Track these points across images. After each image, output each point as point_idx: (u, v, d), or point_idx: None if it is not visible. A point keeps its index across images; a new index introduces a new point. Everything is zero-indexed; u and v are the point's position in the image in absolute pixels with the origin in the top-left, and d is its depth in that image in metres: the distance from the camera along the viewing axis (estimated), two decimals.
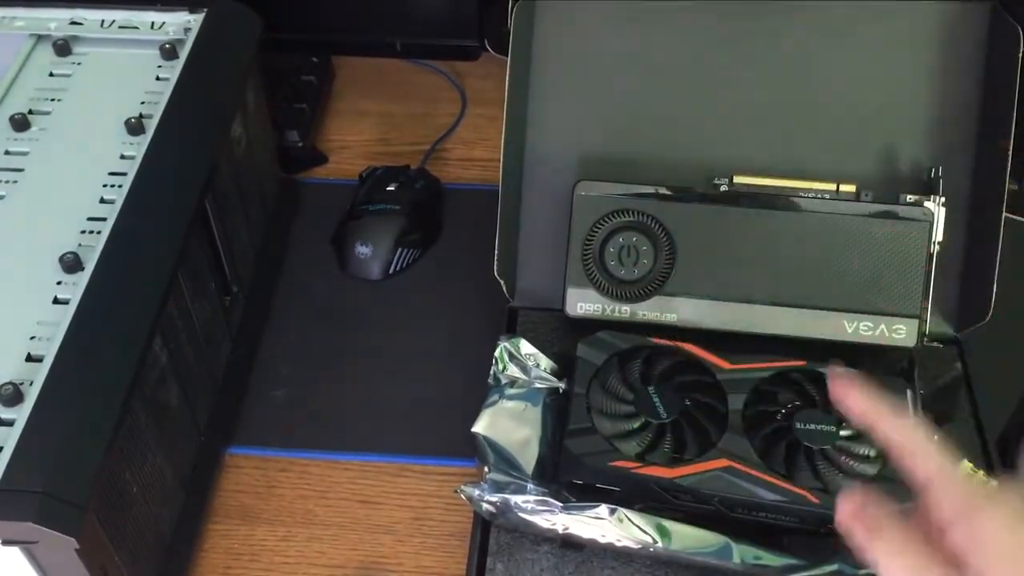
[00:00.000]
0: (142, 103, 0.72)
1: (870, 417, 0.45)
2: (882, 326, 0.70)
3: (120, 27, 0.78)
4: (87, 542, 0.52)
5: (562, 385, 0.70)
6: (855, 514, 0.43)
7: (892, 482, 0.61)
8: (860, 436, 0.63)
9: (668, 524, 0.62)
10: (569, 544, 0.64)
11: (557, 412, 0.69)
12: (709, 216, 0.72)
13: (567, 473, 0.64)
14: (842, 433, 0.63)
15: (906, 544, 0.42)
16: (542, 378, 0.70)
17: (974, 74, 0.73)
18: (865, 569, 0.59)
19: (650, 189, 0.72)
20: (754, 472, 0.62)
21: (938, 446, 0.43)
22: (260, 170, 0.84)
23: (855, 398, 0.45)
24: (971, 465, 0.62)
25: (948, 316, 0.75)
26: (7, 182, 0.67)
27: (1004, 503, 0.42)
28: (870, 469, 0.62)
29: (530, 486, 0.64)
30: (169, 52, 0.76)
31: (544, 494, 0.63)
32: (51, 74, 0.75)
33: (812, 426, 0.63)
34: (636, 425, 0.65)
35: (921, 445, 0.43)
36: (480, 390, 0.70)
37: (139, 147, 0.68)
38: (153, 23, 0.78)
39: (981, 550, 0.40)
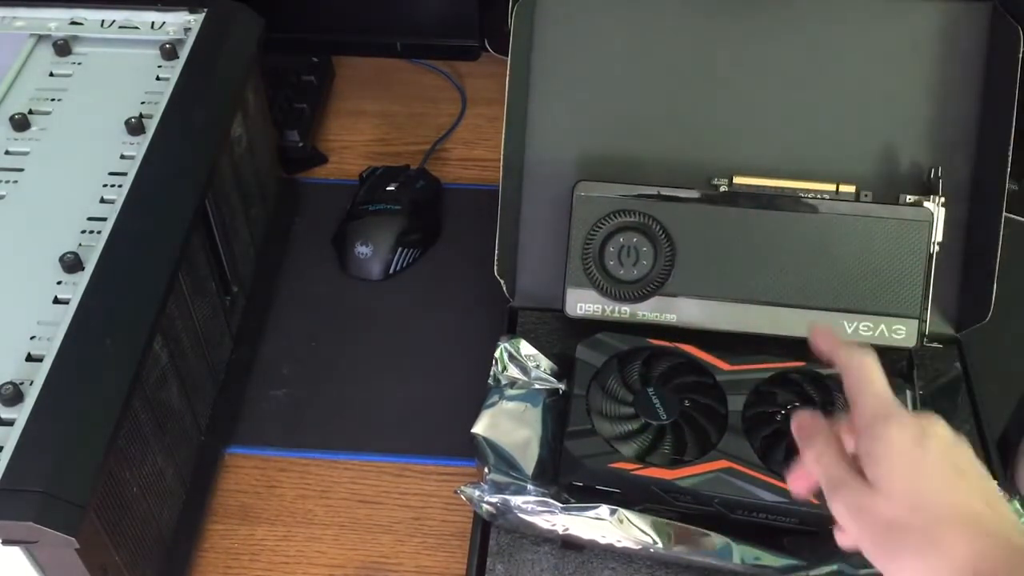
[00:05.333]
0: (142, 103, 0.72)
1: (831, 354, 0.50)
2: (882, 326, 0.70)
3: (120, 27, 0.78)
4: (87, 542, 0.51)
5: (562, 386, 0.70)
6: (800, 426, 0.50)
7: None
8: None
9: (668, 525, 0.62)
10: (569, 545, 0.64)
11: (557, 413, 0.69)
12: (709, 216, 0.72)
13: (567, 475, 0.64)
14: None
15: (826, 450, 0.47)
16: (542, 379, 0.70)
17: (974, 74, 0.73)
18: (865, 569, 0.59)
19: (650, 190, 0.72)
20: (754, 473, 0.62)
21: (867, 363, 0.49)
22: (260, 170, 0.84)
23: (825, 343, 0.51)
24: None
25: (948, 316, 0.75)
26: (7, 182, 0.67)
27: (906, 425, 0.45)
28: None
29: (530, 487, 0.64)
30: (169, 52, 0.76)
31: (544, 495, 0.63)
32: (51, 74, 0.75)
33: None
34: (636, 427, 0.65)
35: (853, 362, 0.49)
36: (480, 390, 0.70)
37: (139, 147, 0.68)
38: (153, 23, 0.78)
39: (876, 462, 0.45)
